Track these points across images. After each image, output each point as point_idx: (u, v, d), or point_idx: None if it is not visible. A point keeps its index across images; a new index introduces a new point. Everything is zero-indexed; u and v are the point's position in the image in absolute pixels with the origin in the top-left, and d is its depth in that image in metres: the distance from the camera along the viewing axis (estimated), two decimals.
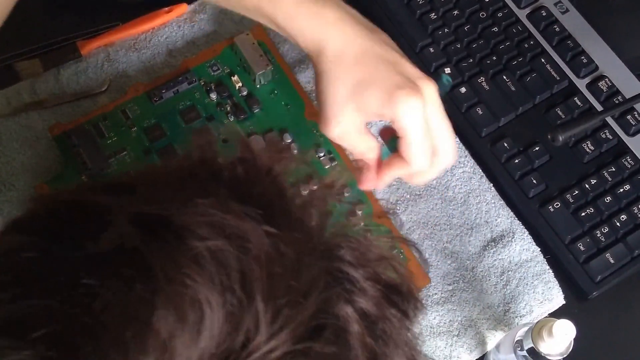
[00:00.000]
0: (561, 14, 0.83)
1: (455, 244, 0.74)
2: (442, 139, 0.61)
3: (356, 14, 0.62)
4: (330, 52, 0.60)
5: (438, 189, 0.76)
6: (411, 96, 0.59)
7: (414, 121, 0.59)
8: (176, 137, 0.75)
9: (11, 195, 0.72)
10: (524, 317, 0.71)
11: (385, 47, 0.61)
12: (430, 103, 0.60)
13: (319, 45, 0.60)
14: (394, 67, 0.60)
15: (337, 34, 0.60)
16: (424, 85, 0.60)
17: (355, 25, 0.61)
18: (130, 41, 0.80)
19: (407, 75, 0.60)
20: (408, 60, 0.62)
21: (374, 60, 0.60)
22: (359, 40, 0.61)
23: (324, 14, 0.60)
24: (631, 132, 0.78)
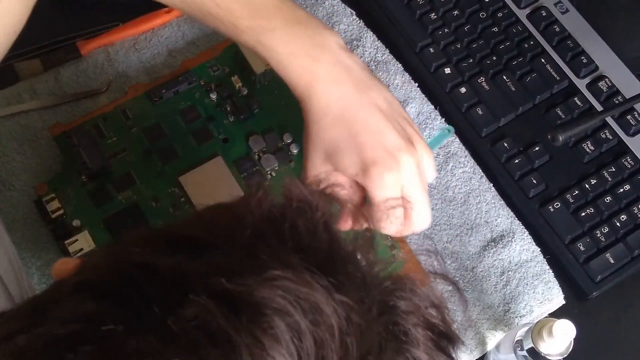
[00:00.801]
0: (561, 14, 0.83)
1: (455, 244, 0.74)
2: (417, 208, 0.61)
3: (353, 66, 0.62)
4: (314, 109, 0.61)
5: (438, 189, 0.76)
6: (385, 173, 0.59)
7: (385, 196, 0.60)
8: (176, 138, 0.75)
9: (11, 195, 0.72)
10: (524, 317, 0.71)
11: (371, 111, 0.61)
12: (407, 177, 0.60)
13: (308, 98, 0.61)
14: (374, 136, 0.60)
15: (325, 92, 0.61)
16: (403, 158, 0.60)
17: (345, 84, 0.61)
18: (130, 41, 0.80)
19: (386, 147, 0.60)
20: (396, 123, 0.61)
21: (355, 125, 0.61)
22: (344, 102, 0.61)
23: (315, 71, 0.61)
24: (631, 132, 0.78)
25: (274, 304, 0.31)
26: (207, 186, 0.72)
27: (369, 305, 0.34)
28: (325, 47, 0.62)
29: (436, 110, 0.79)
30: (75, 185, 0.72)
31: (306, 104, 0.62)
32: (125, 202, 0.72)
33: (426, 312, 0.37)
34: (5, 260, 0.63)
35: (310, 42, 0.61)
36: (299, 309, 0.31)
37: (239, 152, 0.75)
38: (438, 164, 0.77)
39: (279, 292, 0.32)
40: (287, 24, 0.61)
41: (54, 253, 0.70)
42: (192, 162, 0.73)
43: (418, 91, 0.79)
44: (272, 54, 0.61)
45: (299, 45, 0.61)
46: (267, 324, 0.31)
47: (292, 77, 0.61)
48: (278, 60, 0.61)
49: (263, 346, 0.30)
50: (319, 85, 0.61)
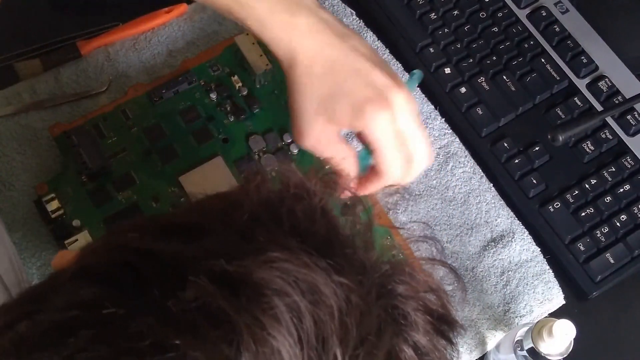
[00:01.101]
0: (561, 14, 0.83)
1: (455, 244, 0.74)
2: (416, 145, 0.61)
3: (330, 19, 0.62)
4: (301, 63, 0.60)
5: (438, 189, 0.76)
6: (380, 110, 0.59)
7: (384, 134, 0.59)
8: (176, 138, 0.75)
9: (11, 195, 0.72)
10: (524, 317, 0.71)
11: (355, 56, 0.61)
12: (401, 112, 0.60)
13: (291, 55, 0.60)
14: (362, 78, 0.60)
15: (308, 44, 0.60)
16: (394, 95, 0.59)
17: (326, 33, 0.61)
18: (130, 41, 0.80)
19: (376, 86, 0.60)
20: (380, 67, 0.61)
21: (342, 71, 0.60)
22: (328, 50, 0.60)
23: (295, 24, 0.60)
24: (631, 132, 0.78)
25: (273, 284, 0.32)
26: (207, 186, 0.72)
27: (368, 288, 0.34)
28: (301, 3, 0.61)
29: (436, 110, 0.79)
30: (75, 185, 0.72)
31: (289, 60, 0.61)
32: (125, 202, 0.72)
33: (425, 297, 0.37)
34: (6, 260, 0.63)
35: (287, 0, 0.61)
36: (298, 290, 0.32)
37: (239, 152, 0.75)
38: (438, 164, 0.77)
39: (278, 274, 0.32)
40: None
41: (54, 253, 0.70)
42: (192, 162, 0.73)
43: (418, 91, 0.79)
44: (250, 11, 0.60)
45: (277, 2, 0.60)
46: (267, 304, 0.31)
47: (274, 33, 0.60)
48: (257, 16, 0.60)
49: (263, 326, 0.31)
50: (302, 38, 0.60)
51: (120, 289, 0.33)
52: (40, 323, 0.33)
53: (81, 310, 0.32)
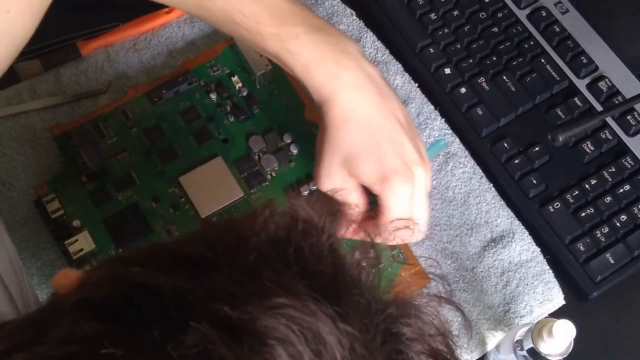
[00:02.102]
0: (561, 14, 0.83)
1: (455, 244, 0.74)
2: (418, 219, 0.65)
3: (374, 74, 0.64)
4: (338, 114, 0.62)
5: (438, 189, 0.76)
6: (403, 184, 0.63)
7: (399, 206, 0.63)
8: (176, 138, 0.75)
9: (11, 195, 0.72)
10: (524, 317, 0.71)
11: (393, 123, 0.63)
12: (418, 188, 0.64)
13: (331, 104, 0.62)
14: (395, 148, 0.63)
15: (350, 98, 0.62)
16: (418, 171, 0.63)
17: (370, 91, 0.63)
18: (130, 42, 0.80)
19: (405, 159, 0.63)
20: (411, 138, 0.64)
21: (378, 134, 0.63)
22: (369, 109, 0.63)
23: (342, 74, 0.62)
24: (631, 132, 0.78)
25: (276, 333, 0.31)
26: (207, 186, 0.72)
27: (372, 334, 0.34)
28: (349, 54, 0.63)
29: (436, 110, 0.79)
30: (75, 185, 0.72)
31: (329, 108, 0.63)
32: (125, 202, 0.72)
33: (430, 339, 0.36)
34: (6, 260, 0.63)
35: (335, 48, 0.63)
36: (302, 339, 0.31)
37: (239, 152, 0.75)
38: (438, 164, 0.77)
39: (283, 321, 0.31)
40: (310, 31, 0.63)
41: (54, 253, 0.70)
42: (192, 162, 0.73)
43: (418, 91, 0.79)
44: (299, 59, 0.62)
45: (324, 51, 0.62)
46: (269, 354, 0.30)
47: (318, 81, 0.63)
48: (304, 65, 0.62)
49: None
50: (345, 90, 0.62)
51: (121, 326, 0.32)
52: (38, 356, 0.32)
53: (79, 346, 0.32)
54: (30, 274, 0.69)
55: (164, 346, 0.31)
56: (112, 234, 0.70)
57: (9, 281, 0.61)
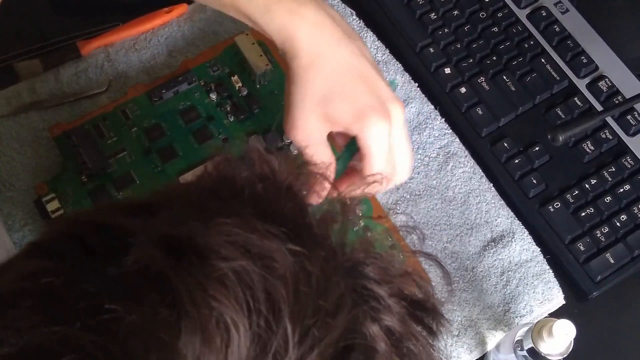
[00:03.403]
0: (561, 14, 0.83)
1: (455, 244, 0.74)
2: (401, 159, 0.62)
3: (335, 16, 0.61)
4: (305, 56, 0.59)
5: (438, 189, 0.76)
6: (380, 120, 0.59)
7: (380, 143, 0.60)
8: (176, 137, 0.75)
9: (11, 195, 0.72)
10: (524, 317, 0.71)
11: (362, 61, 0.61)
12: (396, 125, 0.61)
13: (294, 46, 0.59)
14: (368, 85, 0.60)
15: (314, 37, 0.59)
16: (393, 107, 0.60)
17: (334, 30, 0.60)
18: (130, 41, 0.80)
19: (379, 95, 0.60)
20: (381, 77, 0.61)
21: (349, 74, 0.60)
22: (337, 49, 0.60)
23: (301, 12, 0.59)
24: (631, 132, 0.78)
25: (220, 248, 0.30)
26: None
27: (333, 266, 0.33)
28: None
29: (436, 110, 0.79)
30: (75, 185, 0.72)
31: (295, 50, 0.59)
32: None
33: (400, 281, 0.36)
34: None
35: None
36: (247, 255, 0.30)
37: (238, 152, 0.74)
38: (438, 163, 0.77)
39: (225, 238, 0.31)
40: None
41: None
42: (192, 162, 0.73)
43: (418, 91, 0.79)
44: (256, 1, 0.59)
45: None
46: (212, 268, 0.30)
47: (279, 21, 0.59)
48: (263, 5, 0.59)
49: (205, 289, 0.29)
50: (308, 29, 0.59)
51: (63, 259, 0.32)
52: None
53: (24, 281, 0.32)
54: None
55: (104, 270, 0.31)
56: None
57: None
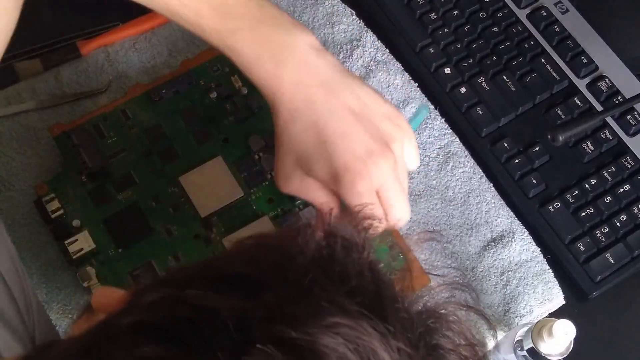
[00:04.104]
0: (561, 14, 0.83)
1: (455, 244, 0.74)
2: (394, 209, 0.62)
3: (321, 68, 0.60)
4: (282, 114, 0.60)
5: (438, 189, 0.76)
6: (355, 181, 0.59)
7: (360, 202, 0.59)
8: (176, 138, 0.75)
9: (11, 195, 0.72)
10: (524, 317, 0.71)
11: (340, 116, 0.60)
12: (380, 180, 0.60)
13: (273, 102, 0.61)
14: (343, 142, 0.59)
15: (290, 98, 0.60)
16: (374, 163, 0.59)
17: (312, 87, 0.60)
18: (130, 41, 0.80)
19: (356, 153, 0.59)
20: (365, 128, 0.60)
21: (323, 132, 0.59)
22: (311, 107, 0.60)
23: (280, 76, 0.60)
24: (631, 132, 0.78)
25: (336, 352, 0.32)
26: (207, 186, 0.72)
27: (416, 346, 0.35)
28: (292, 48, 0.60)
29: (436, 110, 0.79)
30: (75, 185, 0.72)
31: (274, 108, 0.61)
32: (125, 202, 0.72)
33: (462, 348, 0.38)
34: (8, 260, 0.63)
35: (277, 44, 0.60)
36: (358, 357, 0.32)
37: (239, 152, 0.75)
38: (438, 163, 0.77)
39: (341, 340, 0.32)
40: (253, 25, 0.60)
41: (54, 253, 0.70)
42: (192, 162, 0.73)
43: (418, 91, 0.79)
44: (238, 57, 0.60)
45: (264, 48, 0.60)
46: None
47: (259, 82, 0.60)
48: (243, 64, 0.60)
49: None
50: (284, 90, 0.60)
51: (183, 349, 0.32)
52: None
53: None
54: (30, 274, 0.69)
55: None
56: (112, 234, 0.70)
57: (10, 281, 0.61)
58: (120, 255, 0.70)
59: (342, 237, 0.37)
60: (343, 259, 0.36)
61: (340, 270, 0.36)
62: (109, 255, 0.70)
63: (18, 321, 0.61)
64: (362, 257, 0.37)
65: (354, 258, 0.36)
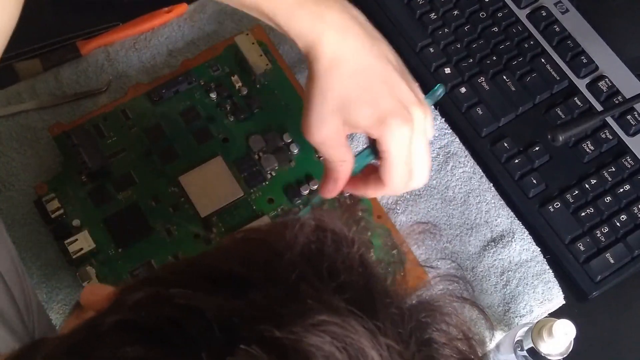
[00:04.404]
0: (561, 14, 0.83)
1: (455, 244, 0.74)
2: (420, 165, 0.61)
3: (360, 18, 0.61)
4: (327, 59, 0.59)
5: (438, 189, 0.76)
6: (401, 125, 0.59)
7: (400, 148, 0.59)
8: (176, 138, 0.75)
9: (11, 195, 0.72)
10: (524, 317, 0.71)
11: (384, 64, 0.60)
12: (417, 131, 0.60)
13: (316, 48, 0.59)
14: (390, 89, 0.60)
15: (337, 41, 0.59)
16: (416, 112, 0.60)
17: (357, 33, 0.60)
18: (130, 41, 0.80)
19: (401, 100, 0.60)
20: (405, 80, 0.61)
21: (371, 77, 0.60)
22: (359, 51, 0.59)
23: (325, 16, 0.59)
24: (631, 132, 0.78)
25: (322, 351, 0.31)
26: (207, 186, 0.72)
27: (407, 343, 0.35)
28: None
29: (436, 110, 0.79)
30: (75, 185, 0.72)
31: (316, 53, 0.59)
32: (125, 202, 0.72)
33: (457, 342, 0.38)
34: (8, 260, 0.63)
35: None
36: (345, 355, 0.32)
37: (239, 152, 0.75)
38: (438, 163, 0.77)
39: (327, 339, 0.32)
40: None
41: (54, 253, 0.70)
42: (192, 162, 0.73)
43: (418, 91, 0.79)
44: (277, 7, 0.59)
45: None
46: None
47: (302, 26, 0.59)
48: (286, 9, 0.59)
49: None
50: (330, 34, 0.59)
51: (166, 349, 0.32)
52: None
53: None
54: (30, 274, 0.69)
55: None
56: (112, 234, 0.70)
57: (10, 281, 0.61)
58: (120, 255, 0.70)
59: (332, 231, 0.37)
60: (333, 253, 0.36)
61: (329, 265, 0.35)
62: (108, 255, 0.70)
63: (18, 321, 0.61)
64: (352, 251, 0.36)
65: (344, 252, 0.36)
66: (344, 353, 0.32)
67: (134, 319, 0.33)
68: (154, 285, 0.35)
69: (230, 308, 0.32)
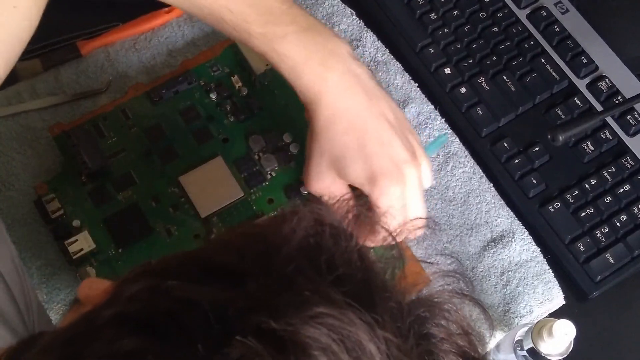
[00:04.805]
0: (561, 14, 0.83)
1: (455, 244, 0.74)
2: (414, 213, 0.64)
3: (363, 76, 0.64)
4: (323, 116, 0.63)
5: (438, 189, 0.76)
6: (391, 185, 0.62)
7: (391, 206, 0.62)
8: (176, 138, 0.75)
9: (11, 195, 0.72)
10: (524, 317, 0.71)
11: (380, 123, 0.63)
12: (410, 187, 0.63)
13: (316, 104, 0.63)
14: (383, 148, 0.63)
15: (335, 100, 0.62)
16: (408, 171, 0.63)
17: (356, 92, 0.63)
18: (130, 41, 0.80)
19: (394, 159, 0.62)
20: (401, 137, 0.63)
21: (365, 135, 0.63)
22: (356, 111, 0.63)
23: (327, 77, 0.62)
24: (631, 132, 0.78)
25: (319, 343, 0.31)
26: (207, 186, 0.72)
27: (406, 337, 0.35)
28: (337, 55, 0.63)
29: (436, 110, 0.79)
30: (75, 185, 0.72)
31: (315, 110, 0.63)
32: (125, 202, 0.72)
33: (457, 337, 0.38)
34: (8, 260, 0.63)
35: (322, 49, 0.63)
36: (343, 348, 0.32)
37: (239, 152, 0.75)
38: (438, 164, 0.77)
39: (324, 331, 0.32)
40: (298, 30, 0.63)
41: (54, 253, 0.70)
42: (192, 162, 0.73)
43: (418, 91, 0.79)
44: (285, 60, 0.62)
45: (311, 52, 0.62)
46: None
47: (304, 84, 0.63)
48: (291, 66, 0.62)
49: None
50: (330, 93, 0.62)
51: (163, 341, 0.32)
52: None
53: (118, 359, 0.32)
54: (30, 274, 0.69)
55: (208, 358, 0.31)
56: (112, 234, 0.70)
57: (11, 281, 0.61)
58: (120, 255, 0.70)
59: (331, 225, 0.37)
60: (331, 247, 0.36)
61: (327, 258, 0.35)
62: (109, 255, 0.70)
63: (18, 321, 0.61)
64: (351, 245, 0.36)
65: (342, 246, 0.36)
66: (341, 345, 0.32)
67: (130, 312, 0.34)
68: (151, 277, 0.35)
69: (226, 299, 0.33)
